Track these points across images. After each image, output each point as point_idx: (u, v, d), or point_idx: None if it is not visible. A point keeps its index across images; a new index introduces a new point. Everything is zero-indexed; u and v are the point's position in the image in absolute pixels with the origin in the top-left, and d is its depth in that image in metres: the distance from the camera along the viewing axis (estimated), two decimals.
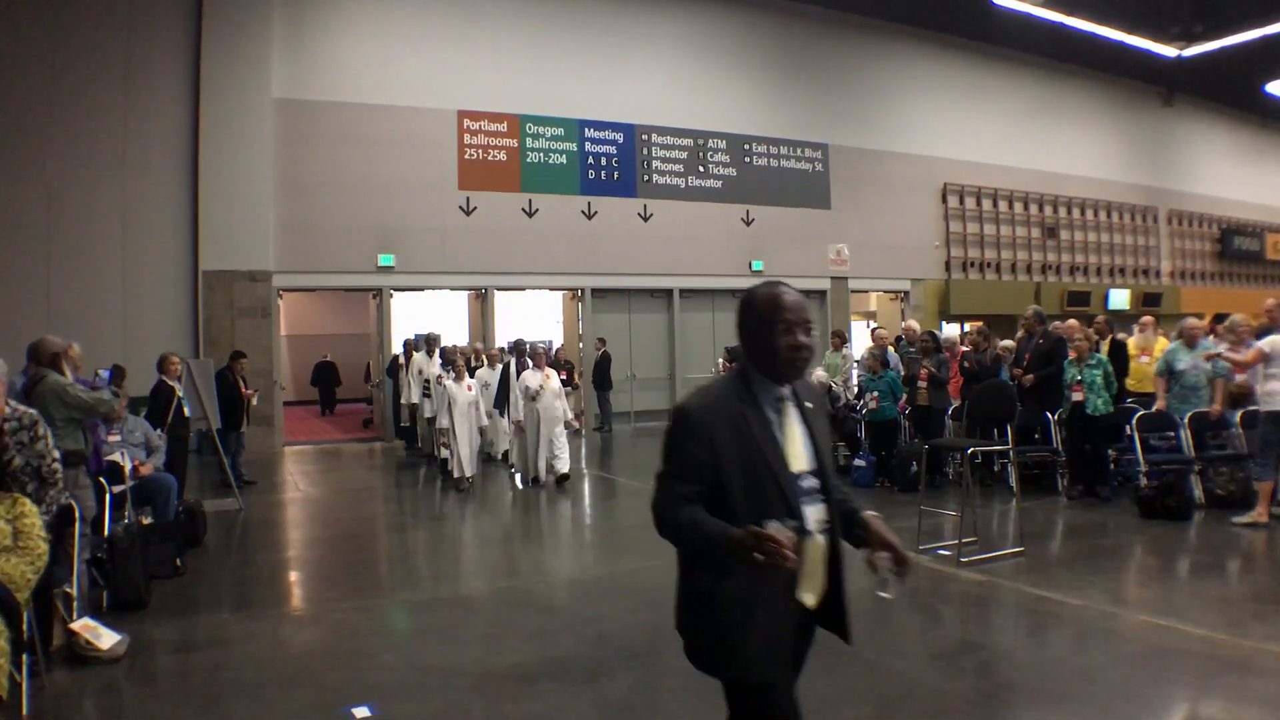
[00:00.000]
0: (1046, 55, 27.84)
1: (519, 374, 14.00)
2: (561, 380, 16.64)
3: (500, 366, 15.24)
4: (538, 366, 13.75)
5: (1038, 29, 23.93)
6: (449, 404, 13.26)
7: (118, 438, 8.98)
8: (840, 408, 13.74)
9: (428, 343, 16.43)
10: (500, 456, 16.04)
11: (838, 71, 24.74)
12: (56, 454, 6.24)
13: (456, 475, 13.26)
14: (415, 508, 12.81)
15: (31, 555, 5.31)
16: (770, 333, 2.85)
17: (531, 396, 13.44)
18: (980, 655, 5.95)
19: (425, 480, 14.86)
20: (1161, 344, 13.00)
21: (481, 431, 14.13)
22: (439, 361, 15.56)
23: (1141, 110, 31.62)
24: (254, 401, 14.87)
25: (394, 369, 18.32)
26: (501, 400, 14.20)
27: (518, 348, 14.42)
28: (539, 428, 13.43)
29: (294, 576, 8.88)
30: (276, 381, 18.71)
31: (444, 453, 14.04)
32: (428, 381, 15.62)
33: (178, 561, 8.42)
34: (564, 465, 13.60)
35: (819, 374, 14.19)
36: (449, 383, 13.40)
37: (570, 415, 14.37)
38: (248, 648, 6.41)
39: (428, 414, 15.66)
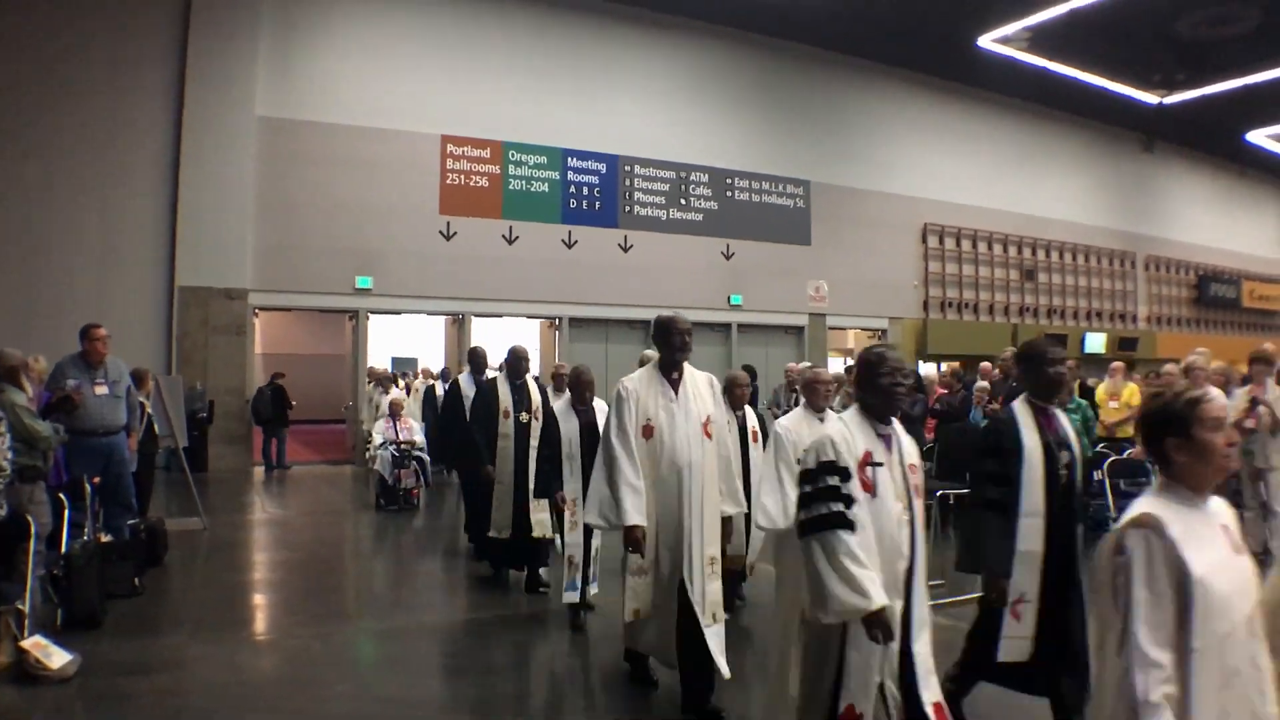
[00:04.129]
0: (1029, 99, 28.01)
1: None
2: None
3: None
4: (814, 405, 6.54)
5: (1021, 73, 24.14)
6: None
7: (105, 390, 8.83)
8: None
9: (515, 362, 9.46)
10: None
11: (822, 109, 24.86)
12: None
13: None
14: None
15: None
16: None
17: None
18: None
19: None
20: (1130, 389, 13.05)
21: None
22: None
23: (1122, 156, 31.85)
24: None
25: (455, 400, 10.67)
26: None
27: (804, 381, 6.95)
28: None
29: (255, 600, 8.79)
30: (249, 401, 18.58)
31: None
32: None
33: (136, 580, 8.32)
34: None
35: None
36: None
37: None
38: (202, 672, 6.34)
39: (579, 520, 7.23)
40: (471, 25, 20.56)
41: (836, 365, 24.07)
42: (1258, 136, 30.58)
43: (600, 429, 6.74)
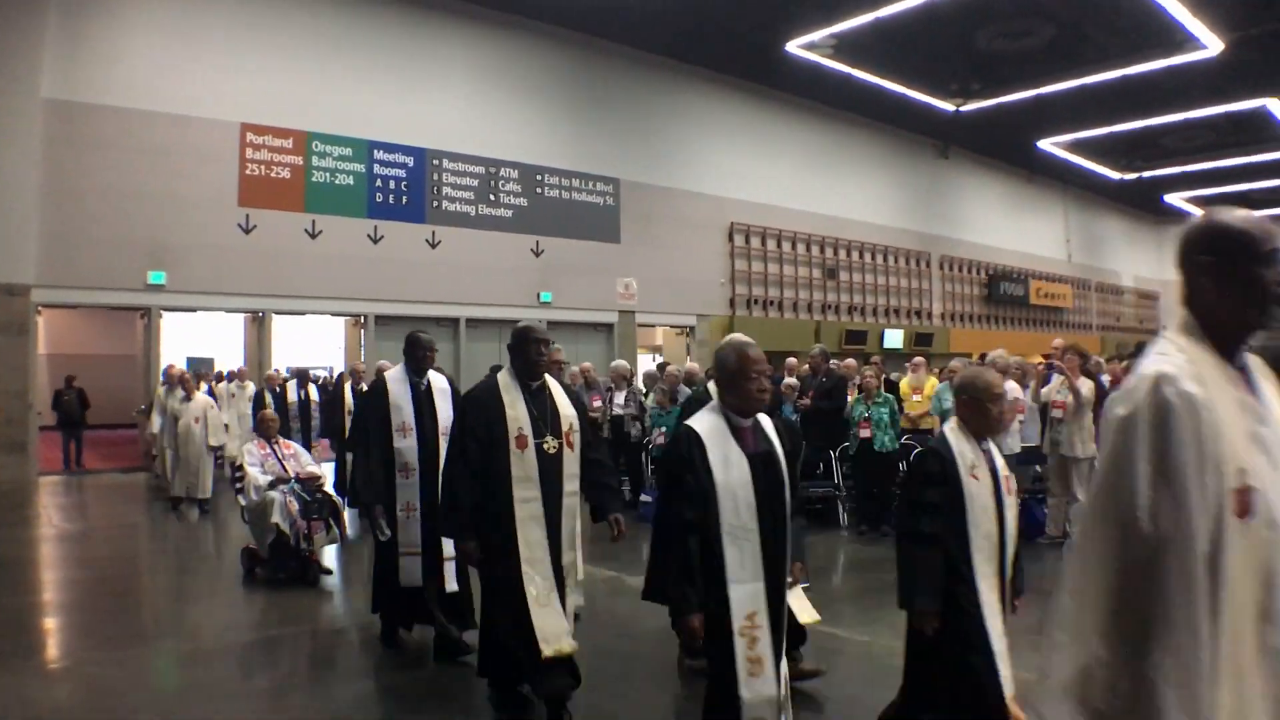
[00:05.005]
0: (833, 104, 28.88)
1: None
2: None
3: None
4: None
5: (826, 79, 24.76)
6: None
7: None
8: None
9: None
10: None
11: (632, 108, 24.95)
12: None
13: None
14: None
15: None
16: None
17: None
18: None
19: None
20: (932, 383, 13.50)
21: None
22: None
23: (919, 161, 33.14)
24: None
25: (378, 411, 7.11)
26: None
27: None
28: None
29: (45, 624, 8.15)
30: (31, 405, 17.49)
31: None
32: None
33: None
34: None
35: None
36: None
37: None
38: None
39: (763, 655, 4.19)
40: (275, 9, 19.83)
41: (646, 362, 24.18)
42: (1046, 144, 32.18)
43: (781, 474, 4.29)
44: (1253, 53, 22.15)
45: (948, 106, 27.11)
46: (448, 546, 6.54)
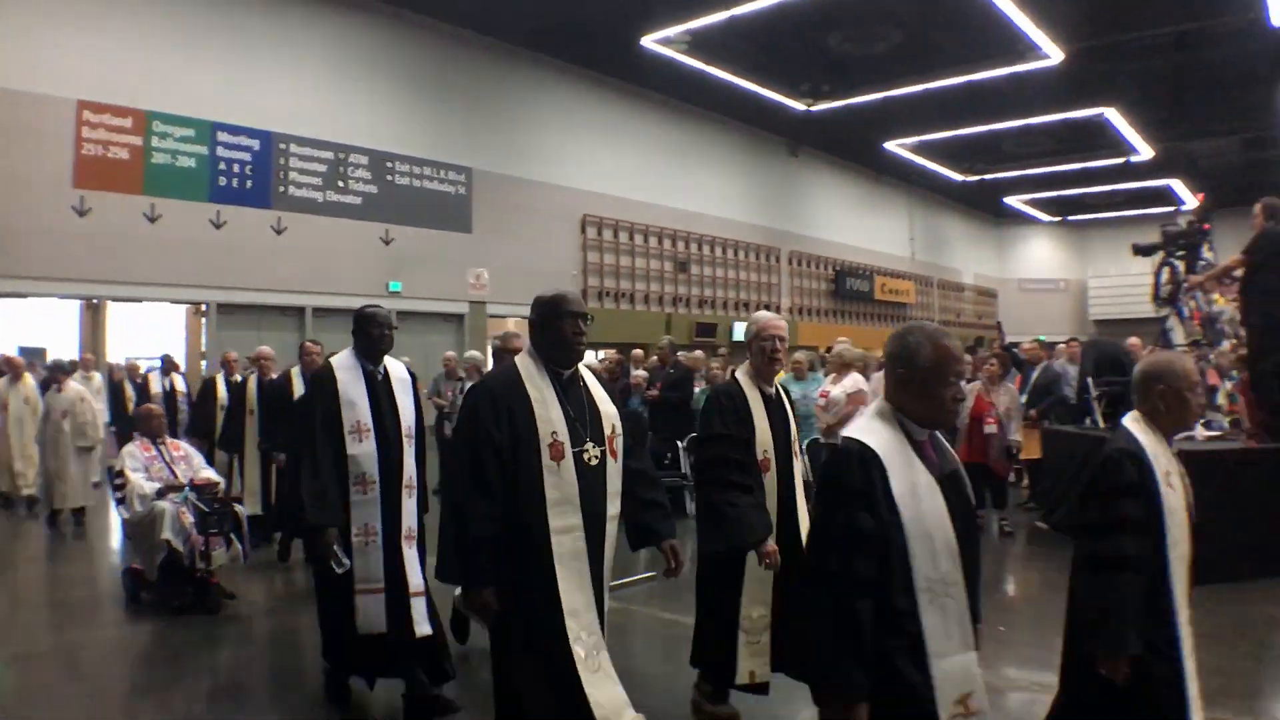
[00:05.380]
0: (687, 100, 29.14)
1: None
2: None
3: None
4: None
5: (681, 74, 24.95)
6: None
7: None
8: None
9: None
10: None
11: (486, 97, 24.74)
12: None
13: None
14: None
15: None
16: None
17: None
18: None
19: None
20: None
21: None
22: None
23: (770, 158, 33.73)
24: None
25: (324, 405, 5.71)
26: None
27: None
28: None
29: None
30: None
31: None
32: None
33: None
34: None
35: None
36: None
37: None
38: None
39: None
40: None
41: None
42: (893, 145, 33.10)
43: (972, 502, 3.26)
44: (1092, 63, 23.13)
45: (799, 106, 27.60)
46: (414, 577, 5.54)
